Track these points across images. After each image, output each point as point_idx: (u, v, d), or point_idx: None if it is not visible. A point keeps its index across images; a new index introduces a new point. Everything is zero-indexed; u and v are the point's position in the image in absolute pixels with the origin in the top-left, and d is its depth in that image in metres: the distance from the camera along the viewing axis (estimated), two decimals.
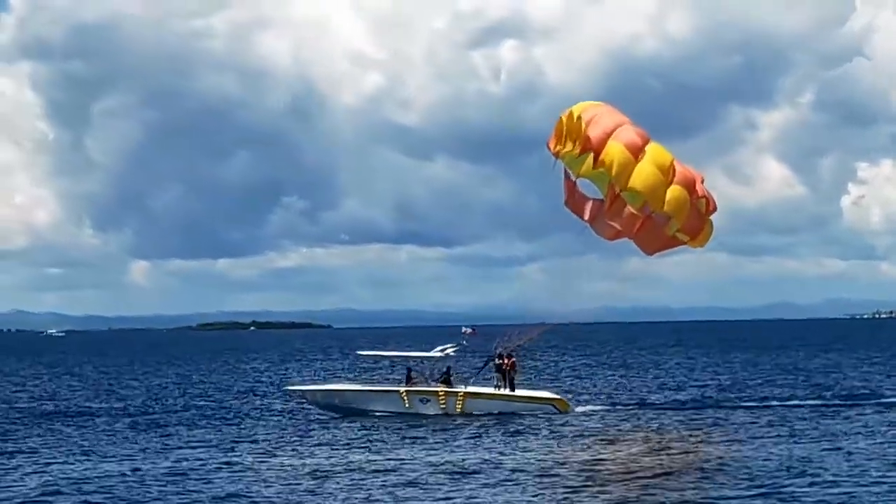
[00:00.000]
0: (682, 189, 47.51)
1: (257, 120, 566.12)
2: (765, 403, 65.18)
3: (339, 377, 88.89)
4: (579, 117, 48.20)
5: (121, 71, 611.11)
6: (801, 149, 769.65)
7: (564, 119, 48.76)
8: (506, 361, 60.08)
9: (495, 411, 58.71)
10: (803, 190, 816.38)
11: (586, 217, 48.92)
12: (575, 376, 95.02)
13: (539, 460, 43.15)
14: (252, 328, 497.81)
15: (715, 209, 48.80)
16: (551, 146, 49.63)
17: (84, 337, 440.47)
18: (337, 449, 47.19)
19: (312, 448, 47.56)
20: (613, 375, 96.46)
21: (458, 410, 58.65)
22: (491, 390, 59.96)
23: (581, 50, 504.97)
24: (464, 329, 61.26)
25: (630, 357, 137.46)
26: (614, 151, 47.22)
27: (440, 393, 59.10)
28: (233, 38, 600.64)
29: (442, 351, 60.25)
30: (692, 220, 48.22)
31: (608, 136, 47.50)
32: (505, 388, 59.98)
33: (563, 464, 42.12)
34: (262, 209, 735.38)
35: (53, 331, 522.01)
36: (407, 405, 58.78)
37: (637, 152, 47.47)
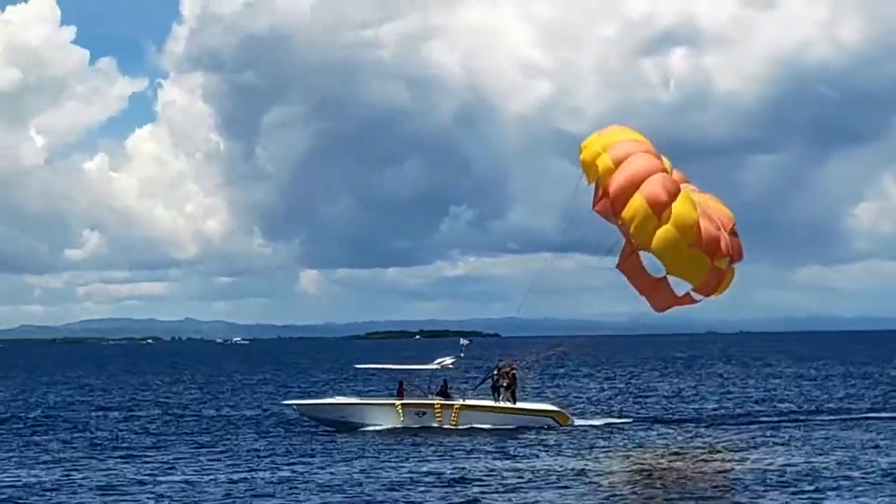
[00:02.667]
0: (703, 254, 46.68)
1: (426, 129, 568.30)
2: (776, 419, 63.68)
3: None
4: (607, 151, 47.34)
5: (290, 81, 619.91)
6: None
7: (590, 151, 47.97)
8: (508, 373, 59.21)
9: (493, 424, 57.76)
10: None
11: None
12: (613, 390, 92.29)
13: (527, 474, 42.39)
14: (417, 337, 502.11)
15: (740, 258, 48.04)
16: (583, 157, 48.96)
17: (259, 345, 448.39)
18: (333, 463, 46.73)
19: (305, 462, 47.11)
20: (645, 387, 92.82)
21: (455, 423, 57.84)
22: (489, 402, 59.03)
23: (751, 57, 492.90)
24: (462, 341, 60.43)
25: (694, 368, 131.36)
26: (636, 206, 46.19)
27: (436, 406, 58.37)
28: (401, 48, 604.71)
29: (440, 363, 59.55)
30: (709, 281, 47.61)
31: (635, 187, 46.33)
32: (507, 400, 59.03)
33: (549, 478, 41.33)
34: (431, 218, 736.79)
35: (238, 339, 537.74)
36: (402, 418, 58.19)
37: (661, 210, 46.20)
